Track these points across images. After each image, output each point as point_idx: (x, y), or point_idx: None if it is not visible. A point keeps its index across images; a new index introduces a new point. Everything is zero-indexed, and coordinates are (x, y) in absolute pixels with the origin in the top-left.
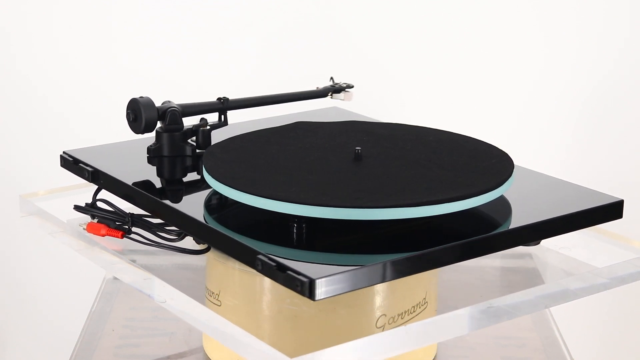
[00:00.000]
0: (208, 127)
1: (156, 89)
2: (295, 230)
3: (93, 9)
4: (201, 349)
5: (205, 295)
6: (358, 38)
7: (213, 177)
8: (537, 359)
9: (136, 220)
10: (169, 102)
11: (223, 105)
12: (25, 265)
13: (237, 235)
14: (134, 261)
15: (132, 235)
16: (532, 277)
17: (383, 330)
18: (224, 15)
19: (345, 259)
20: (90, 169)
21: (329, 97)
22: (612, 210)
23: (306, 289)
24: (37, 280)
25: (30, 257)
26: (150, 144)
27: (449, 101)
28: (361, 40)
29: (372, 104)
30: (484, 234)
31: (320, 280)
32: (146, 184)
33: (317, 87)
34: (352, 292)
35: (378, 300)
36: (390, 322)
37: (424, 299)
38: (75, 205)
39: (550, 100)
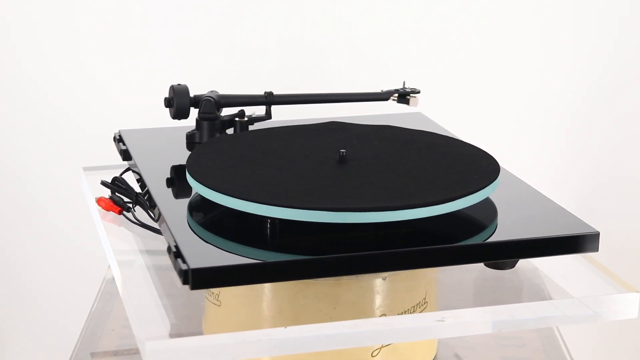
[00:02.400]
0: (245, 119)
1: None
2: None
3: None
4: None
5: (205, 296)
6: (358, 37)
7: (187, 164)
8: (537, 359)
9: (140, 200)
10: (214, 91)
11: (266, 99)
12: (25, 265)
13: (176, 220)
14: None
15: (129, 215)
16: (532, 278)
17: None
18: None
19: (260, 254)
20: (124, 147)
21: (392, 101)
22: (586, 242)
23: (182, 276)
24: (37, 279)
25: (31, 256)
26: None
27: (447, 101)
28: (360, 39)
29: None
30: (408, 247)
31: (196, 270)
32: (148, 167)
33: (382, 90)
34: (351, 292)
35: (378, 300)
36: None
37: (424, 299)
38: (102, 181)
39: (548, 100)
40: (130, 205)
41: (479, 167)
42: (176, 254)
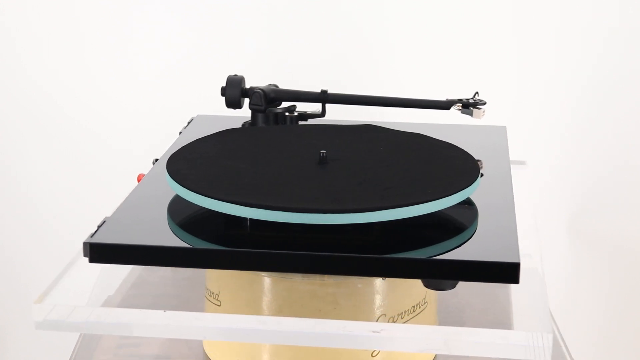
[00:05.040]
0: (295, 114)
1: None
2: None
3: None
4: (201, 350)
5: (205, 296)
6: (357, 32)
7: (180, 149)
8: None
9: None
10: (271, 85)
11: (320, 97)
12: (25, 265)
13: (134, 200)
14: None
15: None
16: (530, 278)
17: None
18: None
19: (194, 241)
20: (182, 130)
21: (454, 111)
22: (503, 272)
23: (83, 248)
24: (37, 280)
25: (31, 255)
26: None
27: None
28: (362, 33)
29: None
30: (316, 251)
31: (94, 245)
32: (173, 150)
33: (447, 99)
34: (351, 293)
35: (378, 300)
36: (390, 322)
37: (424, 299)
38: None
39: (543, 91)
40: None
41: (447, 183)
42: (99, 227)
